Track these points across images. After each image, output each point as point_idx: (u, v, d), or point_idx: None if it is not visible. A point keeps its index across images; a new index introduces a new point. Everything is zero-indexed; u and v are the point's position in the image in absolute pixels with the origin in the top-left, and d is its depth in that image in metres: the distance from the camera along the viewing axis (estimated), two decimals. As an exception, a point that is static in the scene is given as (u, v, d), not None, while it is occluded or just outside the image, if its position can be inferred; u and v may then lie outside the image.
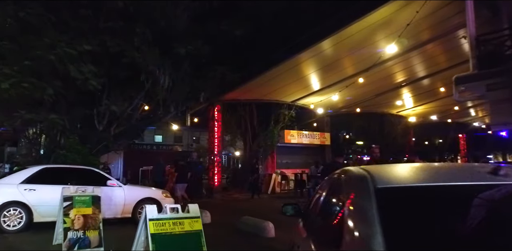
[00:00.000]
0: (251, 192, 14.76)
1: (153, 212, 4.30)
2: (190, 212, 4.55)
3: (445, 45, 13.44)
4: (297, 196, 15.36)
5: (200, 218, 4.60)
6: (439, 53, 14.30)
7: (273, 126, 17.66)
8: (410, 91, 18.49)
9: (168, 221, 4.30)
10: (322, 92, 16.46)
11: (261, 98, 16.71)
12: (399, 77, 16.37)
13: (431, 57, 14.64)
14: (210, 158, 16.06)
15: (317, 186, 12.67)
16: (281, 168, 18.36)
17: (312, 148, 20.03)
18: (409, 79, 16.64)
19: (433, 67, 15.40)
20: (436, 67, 15.39)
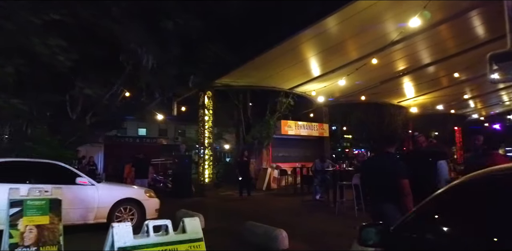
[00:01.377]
0: (239, 189, 13.08)
1: (125, 234, 2.64)
2: (188, 231, 2.92)
3: (463, 25, 11.96)
4: (300, 193, 13.82)
5: (203, 241, 2.95)
6: (452, 36, 12.80)
7: (269, 116, 16.05)
8: (417, 78, 16.96)
9: (152, 249, 2.65)
10: (323, 78, 14.85)
11: (256, 84, 15.04)
12: (408, 62, 14.85)
13: (445, 39, 13.15)
14: (199, 151, 14.38)
15: (324, 182, 11.15)
16: (278, 162, 16.80)
17: (310, 140, 18.49)
18: (418, 64, 15.15)
19: (445, 52, 13.92)
20: (449, 51, 13.93)
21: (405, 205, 3.98)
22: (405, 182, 4.02)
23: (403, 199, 4.00)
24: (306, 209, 10.40)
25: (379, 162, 4.30)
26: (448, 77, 16.72)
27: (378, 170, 4.23)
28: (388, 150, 4.25)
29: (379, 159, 4.39)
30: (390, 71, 15.38)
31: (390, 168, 4.12)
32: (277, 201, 12.54)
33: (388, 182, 4.09)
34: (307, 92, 15.93)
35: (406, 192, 4.01)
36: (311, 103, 18.69)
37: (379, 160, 4.36)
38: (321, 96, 15.85)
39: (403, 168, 4.07)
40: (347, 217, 9.08)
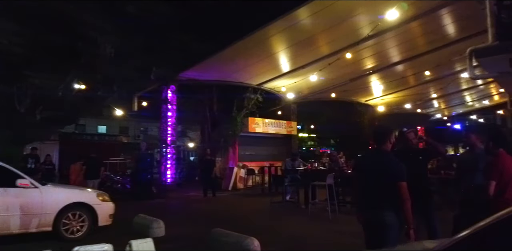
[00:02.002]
0: (203, 190, 12.25)
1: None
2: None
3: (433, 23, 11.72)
4: (268, 193, 13.19)
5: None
6: (422, 34, 12.57)
7: (236, 113, 15.32)
8: (385, 76, 16.74)
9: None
10: (292, 74, 14.28)
11: (223, 79, 14.27)
12: (378, 59, 14.55)
13: (415, 37, 12.90)
14: (162, 149, 13.45)
15: (295, 182, 10.56)
16: (244, 161, 16.11)
17: (278, 138, 17.92)
18: (388, 62, 14.90)
19: (414, 50, 13.71)
20: (418, 49, 13.73)
21: (403, 212, 3.40)
22: (404, 185, 3.44)
23: (401, 205, 3.41)
24: (277, 211, 9.77)
25: (373, 161, 3.68)
26: (415, 76, 16.63)
27: (372, 171, 3.61)
28: (382, 147, 3.64)
29: (373, 157, 3.76)
30: (360, 69, 15.07)
31: (386, 169, 3.52)
32: (244, 202, 11.85)
33: (384, 185, 3.49)
34: (276, 88, 15.32)
35: (405, 196, 3.42)
36: (279, 100, 18.14)
37: (372, 159, 3.72)
38: (290, 92, 15.29)
39: (401, 168, 3.47)
40: (322, 219, 8.53)
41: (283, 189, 10.40)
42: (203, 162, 12.33)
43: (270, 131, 16.76)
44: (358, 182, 3.81)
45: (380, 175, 3.51)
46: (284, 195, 10.32)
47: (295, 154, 11.63)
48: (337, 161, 9.88)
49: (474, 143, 4.88)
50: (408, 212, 3.40)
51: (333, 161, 9.96)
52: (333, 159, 9.98)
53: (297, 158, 11.22)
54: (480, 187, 4.72)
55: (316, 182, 9.01)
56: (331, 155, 10.08)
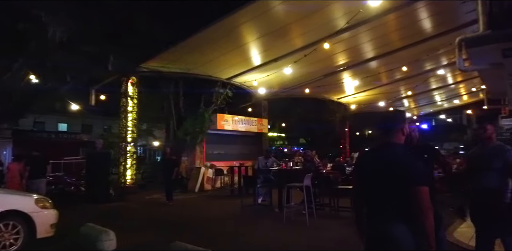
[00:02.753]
0: (165, 192, 11.15)
1: None
2: None
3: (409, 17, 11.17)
4: (238, 194, 12.24)
5: None
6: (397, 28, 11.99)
7: (203, 109, 14.27)
8: (359, 73, 16.07)
9: None
10: (264, 68, 13.37)
11: (190, 71, 13.16)
12: (352, 55, 13.88)
13: (390, 32, 12.30)
14: (121, 148, 12.23)
15: (268, 182, 9.65)
16: (212, 160, 15.09)
17: (248, 136, 17.00)
18: (362, 57, 14.26)
19: (388, 45, 13.14)
20: (393, 45, 13.17)
21: (422, 227, 2.50)
22: (424, 191, 2.54)
23: (419, 218, 2.51)
24: (249, 216, 8.83)
25: (380, 158, 2.76)
26: (388, 73, 16.09)
27: (380, 171, 2.69)
28: (393, 140, 2.73)
29: (380, 153, 2.83)
30: (333, 64, 14.38)
31: (399, 169, 2.60)
32: (213, 205, 10.85)
33: (396, 190, 2.59)
34: (247, 82, 14.36)
35: (425, 206, 2.51)
36: (250, 97, 17.23)
37: (380, 155, 2.80)
38: (262, 87, 14.40)
39: (419, 169, 2.59)
40: (299, 225, 7.67)
41: (255, 191, 9.46)
42: (165, 162, 11.21)
43: (240, 129, 15.82)
44: (360, 185, 2.90)
45: (389, 177, 2.61)
46: (256, 198, 9.41)
47: (269, 151, 10.74)
48: (313, 160, 9.05)
49: (490, 137, 4.14)
50: (429, 226, 2.51)
51: (308, 161, 9.12)
52: (307, 159, 9.13)
53: (271, 156, 10.34)
54: (497, 189, 4.02)
55: (293, 184, 8.13)
56: (306, 155, 9.22)
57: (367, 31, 11.60)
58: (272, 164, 9.97)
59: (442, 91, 23.21)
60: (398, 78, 17.61)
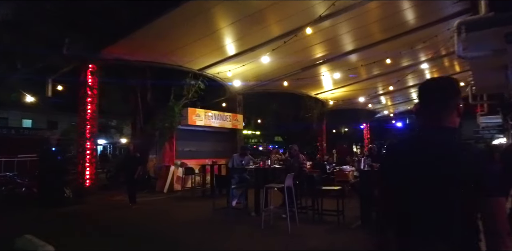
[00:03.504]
0: (129, 195, 10.03)
1: None
2: None
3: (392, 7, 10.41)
4: (210, 195, 11.18)
5: None
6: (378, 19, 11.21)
7: (173, 102, 13.11)
8: (338, 67, 15.26)
9: None
10: (239, 59, 12.30)
11: (158, 60, 11.97)
12: (331, 47, 13.01)
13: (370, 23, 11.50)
14: (79, 145, 10.93)
15: (243, 183, 8.63)
16: (183, 158, 13.96)
17: (222, 133, 15.92)
18: (341, 50, 13.44)
19: (368, 38, 12.38)
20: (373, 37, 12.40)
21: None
22: (500, 203, 1.61)
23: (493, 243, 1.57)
24: (221, 221, 7.78)
25: (433, 151, 1.73)
26: (368, 68, 15.36)
27: (429, 170, 1.70)
28: (446, 123, 1.75)
29: (431, 143, 1.78)
30: (312, 56, 13.50)
31: (466, 168, 1.63)
32: (181, 209, 9.75)
33: (454, 199, 1.62)
34: (220, 74, 13.27)
35: (502, 228, 1.58)
36: (224, 91, 16.16)
37: (430, 146, 1.76)
38: (237, 80, 13.36)
39: (496, 169, 1.64)
40: (279, 231, 6.71)
41: (229, 192, 8.42)
42: (128, 160, 10.02)
43: (213, 124, 14.72)
44: (393, 187, 1.90)
45: (447, 179, 1.65)
46: (230, 200, 8.37)
47: (245, 148, 9.69)
48: (298, 156, 8.08)
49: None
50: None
51: (293, 156, 8.13)
52: (293, 154, 8.14)
53: (247, 153, 9.32)
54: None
55: (272, 185, 7.14)
56: (292, 149, 8.21)
57: (348, 20, 10.75)
58: (249, 163, 8.96)
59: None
60: (378, 73, 16.98)
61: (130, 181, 9.77)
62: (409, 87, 21.26)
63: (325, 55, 13.55)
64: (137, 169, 9.69)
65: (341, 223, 7.05)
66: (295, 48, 11.91)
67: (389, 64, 14.97)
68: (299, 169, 7.82)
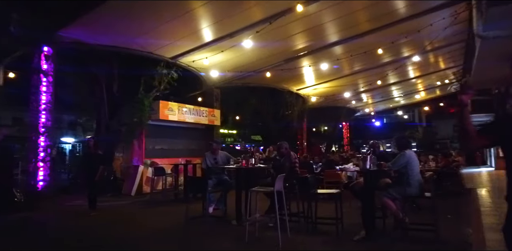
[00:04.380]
0: (88, 200, 8.60)
1: None
2: None
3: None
4: (183, 199, 9.86)
5: None
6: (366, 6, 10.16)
7: (143, 94, 11.70)
8: (323, 58, 14.13)
9: None
10: (216, 46, 11.00)
11: (125, 45, 10.49)
12: (316, 36, 11.90)
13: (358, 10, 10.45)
14: (31, 141, 9.39)
15: (222, 186, 7.33)
16: (154, 157, 12.58)
17: (198, 129, 14.59)
18: (326, 40, 12.35)
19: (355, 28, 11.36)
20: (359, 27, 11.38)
21: None
22: None
23: None
24: (196, 232, 6.47)
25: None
26: (354, 61, 14.36)
27: None
28: None
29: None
30: (295, 46, 12.36)
31: None
32: (149, 216, 8.40)
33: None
34: (196, 62, 11.88)
35: None
36: (200, 84, 14.82)
37: None
38: (214, 70, 12.03)
39: None
40: (267, 245, 5.49)
41: (204, 197, 7.11)
42: (85, 159, 8.55)
43: (187, 120, 13.36)
44: None
45: None
46: (206, 206, 7.08)
47: (215, 142, 8.30)
48: (289, 154, 6.85)
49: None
50: None
51: (283, 155, 6.88)
52: (284, 152, 6.88)
53: (219, 148, 7.97)
54: None
55: (259, 189, 5.91)
56: (282, 147, 6.94)
57: (333, 6, 9.63)
58: (225, 161, 7.67)
59: (401, 86, 22.07)
60: (362, 68, 16.05)
61: (90, 183, 8.35)
62: (393, 83, 20.50)
63: (309, 45, 12.41)
64: (99, 169, 8.27)
65: (340, 233, 5.88)
66: (278, 35, 10.79)
67: (375, 58, 14.10)
68: (290, 169, 6.61)
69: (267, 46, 11.51)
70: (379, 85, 19.11)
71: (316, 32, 11.52)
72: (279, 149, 6.95)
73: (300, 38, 11.83)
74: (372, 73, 16.94)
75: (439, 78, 21.28)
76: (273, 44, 11.51)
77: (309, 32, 11.42)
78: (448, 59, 17.02)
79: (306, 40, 12.03)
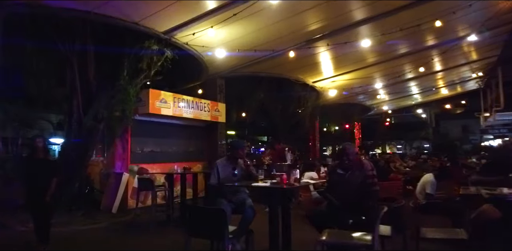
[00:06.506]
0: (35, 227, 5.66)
1: None
2: None
3: None
4: (179, 220, 7.04)
5: None
6: None
7: (127, 80, 8.91)
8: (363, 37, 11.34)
9: None
10: (225, 13, 8.22)
11: (100, 11, 7.67)
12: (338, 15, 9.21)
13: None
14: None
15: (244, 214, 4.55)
16: (141, 162, 9.83)
17: (197, 127, 11.80)
18: (351, 19, 9.64)
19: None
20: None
21: None
22: None
23: None
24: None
25: None
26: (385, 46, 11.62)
27: None
28: None
29: None
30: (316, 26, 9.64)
31: None
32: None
33: None
34: (197, 41, 9.12)
35: None
36: (200, 72, 12.07)
37: None
38: (220, 48, 9.24)
39: None
40: None
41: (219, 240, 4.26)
42: (30, 167, 5.67)
43: (185, 115, 10.53)
44: None
45: None
46: (225, 243, 4.25)
47: (237, 144, 5.45)
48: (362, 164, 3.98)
49: None
50: None
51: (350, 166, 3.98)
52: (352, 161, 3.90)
53: (241, 155, 5.13)
54: None
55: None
56: (347, 152, 4.00)
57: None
58: (251, 173, 4.90)
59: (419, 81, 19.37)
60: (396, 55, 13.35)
61: (38, 203, 5.53)
62: (414, 78, 17.76)
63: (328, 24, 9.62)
64: (52, 183, 5.47)
65: None
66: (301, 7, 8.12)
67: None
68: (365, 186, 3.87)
69: (286, 20, 8.82)
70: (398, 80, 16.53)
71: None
72: (344, 156, 4.15)
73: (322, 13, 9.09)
74: (404, 62, 14.36)
75: (470, 71, 18.65)
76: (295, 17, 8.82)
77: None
78: (486, 47, 14.27)
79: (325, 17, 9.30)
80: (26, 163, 5.79)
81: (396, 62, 14.15)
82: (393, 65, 14.44)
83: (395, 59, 13.76)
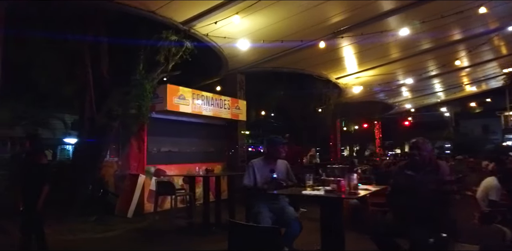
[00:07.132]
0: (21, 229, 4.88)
1: None
2: None
3: None
4: (204, 226, 6.30)
5: None
6: None
7: (143, 75, 8.23)
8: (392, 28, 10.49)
9: None
10: (244, 2, 7.47)
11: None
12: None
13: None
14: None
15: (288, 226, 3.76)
16: (158, 164, 9.15)
17: (217, 126, 11.08)
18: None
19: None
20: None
21: None
22: None
23: None
24: None
25: None
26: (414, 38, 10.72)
27: None
28: None
29: None
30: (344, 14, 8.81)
31: None
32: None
33: None
34: (218, 33, 8.40)
35: None
36: (219, 67, 11.38)
37: None
38: (243, 39, 8.50)
39: None
40: None
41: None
42: (28, 173, 4.94)
43: (205, 113, 9.80)
44: None
45: None
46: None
47: (276, 142, 4.66)
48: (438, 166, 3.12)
49: None
50: None
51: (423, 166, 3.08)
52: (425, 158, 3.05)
53: (279, 154, 4.31)
54: None
55: None
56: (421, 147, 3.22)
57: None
58: (287, 176, 4.13)
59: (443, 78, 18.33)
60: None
61: (29, 212, 4.78)
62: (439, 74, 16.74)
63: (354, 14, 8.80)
64: (43, 191, 4.73)
65: None
66: None
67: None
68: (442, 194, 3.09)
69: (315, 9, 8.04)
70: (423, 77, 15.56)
71: None
72: (416, 153, 3.34)
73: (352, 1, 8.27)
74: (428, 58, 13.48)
75: (497, 67, 17.57)
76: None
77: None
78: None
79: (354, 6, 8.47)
80: (21, 168, 5.09)
81: (420, 58, 13.31)
82: (418, 61, 13.58)
83: (420, 55, 12.90)
